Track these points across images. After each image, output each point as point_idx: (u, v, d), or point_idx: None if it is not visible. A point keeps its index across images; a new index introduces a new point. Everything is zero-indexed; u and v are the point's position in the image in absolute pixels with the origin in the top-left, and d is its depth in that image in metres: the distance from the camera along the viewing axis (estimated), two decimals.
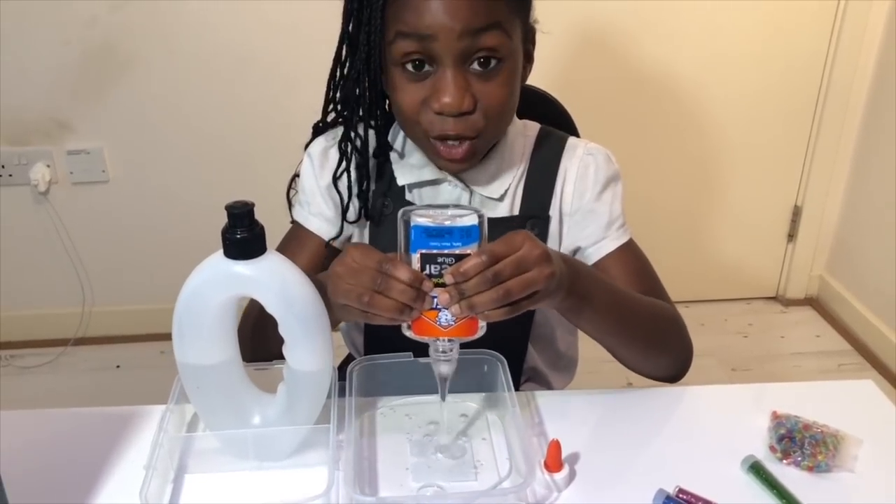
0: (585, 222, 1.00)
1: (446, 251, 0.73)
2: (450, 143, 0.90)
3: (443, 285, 0.74)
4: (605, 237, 1.00)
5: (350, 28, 0.91)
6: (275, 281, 0.73)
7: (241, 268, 0.72)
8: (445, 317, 0.75)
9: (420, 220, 0.73)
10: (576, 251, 1.02)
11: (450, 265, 0.73)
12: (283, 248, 1.03)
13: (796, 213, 2.52)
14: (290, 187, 1.08)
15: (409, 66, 0.87)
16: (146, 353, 2.34)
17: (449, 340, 0.77)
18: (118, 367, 2.33)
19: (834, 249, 2.57)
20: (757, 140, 2.40)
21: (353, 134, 0.98)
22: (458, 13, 0.83)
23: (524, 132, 1.02)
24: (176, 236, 2.31)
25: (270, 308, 0.74)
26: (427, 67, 0.87)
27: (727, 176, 2.45)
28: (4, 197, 2.23)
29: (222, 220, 0.73)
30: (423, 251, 0.73)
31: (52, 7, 2.02)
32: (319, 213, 1.02)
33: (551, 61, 2.16)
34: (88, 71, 2.11)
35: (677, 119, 2.34)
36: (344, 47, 0.94)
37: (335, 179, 0.99)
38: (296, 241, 1.03)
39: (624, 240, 1.01)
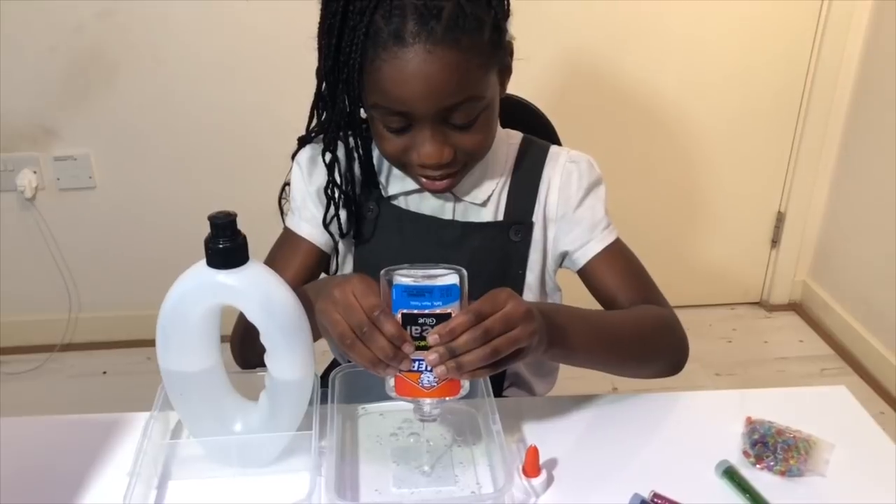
0: (570, 227, 1.02)
1: (427, 311, 0.74)
2: (432, 179, 0.93)
3: (424, 347, 0.74)
4: (591, 239, 1.02)
5: (326, 67, 0.90)
6: (257, 291, 0.74)
7: (224, 277, 0.74)
8: (428, 378, 0.75)
9: (402, 279, 0.74)
10: (563, 256, 1.05)
11: (431, 326, 0.73)
12: (276, 252, 1.05)
13: (780, 219, 2.55)
14: (281, 195, 1.09)
15: (391, 126, 0.89)
16: (132, 358, 2.34)
17: (431, 401, 0.77)
18: (104, 372, 2.33)
19: (817, 255, 2.59)
20: (740, 147, 2.42)
21: (339, 152, 0.98)
22: (430, 98, 0.84)
23: (507, 140, 1.04)
24: (162, 242, 2.31)
25: (252, 317, 0.76)
26: (407, 125, 0.88)
27: (711, 183, 2.48)
28: None
29: (208, 226, 0.74)
30: (405, 311, 0.74)
31: (39, 13, 2.02)
32: (311, 219, 1.03)
33: (534, 71, 2.18)
34: (75, 77, 2.11)
35: (662, 127, 2.36)
36: (323, 86, 0.94)
37: (326, 190, 1.00)
38: (288, 246, 1.04)
39: (609, 240, 1.02)
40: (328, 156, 0.98)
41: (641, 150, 2.38)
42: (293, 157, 1.07)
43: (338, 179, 0.99)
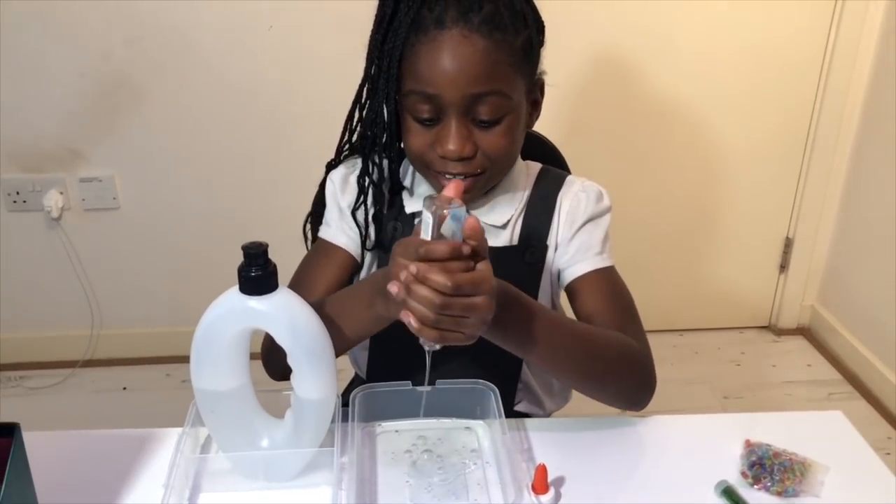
0: (568, 248, 1.07)
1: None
2: (451, 178, 0.97)
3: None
4: (582, 260, 1.05)
5: (372, 71, 0.99)
6: (285, 316, 0.80)
7: (255, 303, 0.79)
8: None
9: (455, 209, 0.77)
10: (558, 273, 1.09)
11: None
12: (311, 260, 1.10)
13: (788, 244, 2.58)
14: (305, 224, 1.15)
15: (421, 116, 0.96)
16: (152, 375, 2.40)
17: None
18: (125, 388, 2.38)
19: (825, 280, 2.61)
20: (749, 174, 2.46)
21: (371, 167, 1.05)
22: (461, 81, 0.91)
23: (526, 171, 1.10)
24: (183, 262, 2.38)
25: (280, 340, 0.81)
26: (435, 117, 0.95)
27: (720, 208, 2.52)
28: (19, 222, 2.29)
29: (228, 246, 0.79)
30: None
31: (71, 41, 2.09)
32: (344, 232, 1.08)
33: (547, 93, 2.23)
34: (102, 102, 2.18)
35: (672, 152, 2.41)
36: (364, 90, 1.02)
37: (353, 211, 1.06)
38: (324, 254, 1.08)
39: (601, 265, 1.05)
40: (364, 164, 1.05)
41: (651, 175, 2.42)
42: (322, 183, 1.12)
43: (371, 171, 1.05)
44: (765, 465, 0.88)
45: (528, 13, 0.96)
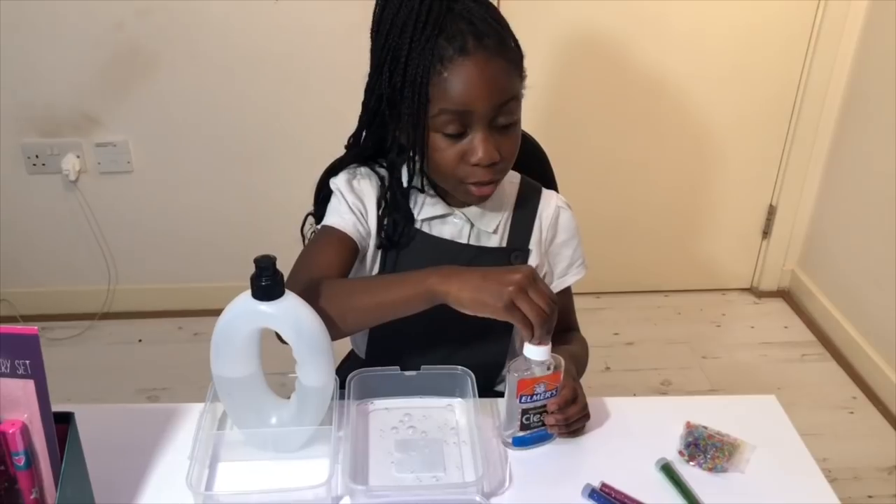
0: (555, 260, 1.25)
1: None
2: (481, 185, 1.10)
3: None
4: (568, 273, 1.26)
5: (398, 83, 1.06)
6: (291, 318, 0.93)
7: (265, 307, 0.92)
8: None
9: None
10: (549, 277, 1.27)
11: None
12: (313, 245, 1.18)
13: (771, 211, 2.69)
14: (304, 224, 1.25)
15: (450, 132, 1.06)
16: (166, 327, 2.55)
17: None
18: (140, 340, 2.53)
19: (805, 246, 2.73)
20: (736, 143, 2.56)
21: (394, 185, 1.16)
22: (491, 92, 1.04)
23: (510, 180, 1.23)
24: (193, 222, 2.50)
25: (286, 338, 0.95)
26: (463, 131, 1.06)
27: (708, 176, 2.62)
28: (38, 184, 2.42)
29: (235, 208, 0.88)
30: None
31: (85, 12, 2.19)
32: (349, 219, 1.16)
33: (538, 59, 2.33)
34: (116, 70, 2.28)
35: (661, 121, 2.50)
36: (381, 104, 1.10)
37: (380, 219, 1.16)
38: (326, 237, 1.15)
39: (579, 277, 1.27)
40: (381, 171, 1.18)
41: (641, 144, 2.52)
42: (318, 185, 1.23)
43: (387, 196, 1.17)
44: (699, 445, 1.03)
45: (507, 34, 1.08)
